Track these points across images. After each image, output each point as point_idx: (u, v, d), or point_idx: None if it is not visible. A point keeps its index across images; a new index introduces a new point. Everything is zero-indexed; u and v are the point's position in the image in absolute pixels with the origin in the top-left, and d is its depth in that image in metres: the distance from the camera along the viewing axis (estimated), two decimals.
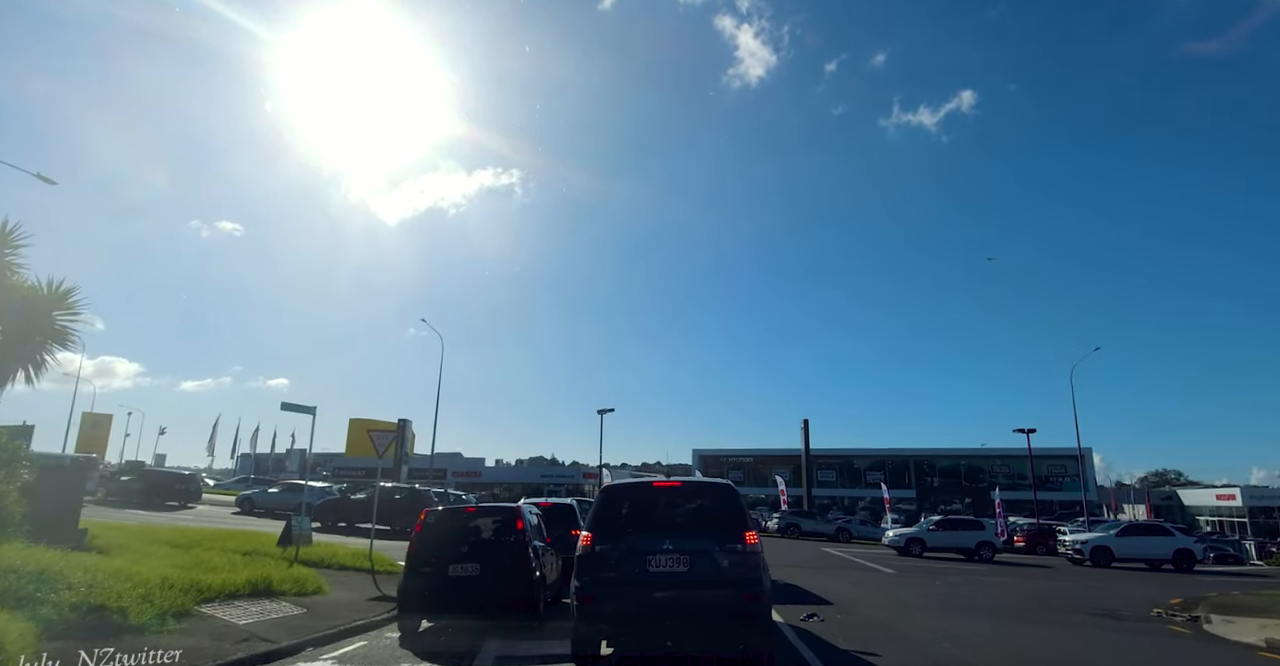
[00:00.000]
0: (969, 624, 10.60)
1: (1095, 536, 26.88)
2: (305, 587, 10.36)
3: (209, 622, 7.88)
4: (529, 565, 8.88)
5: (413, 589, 8.56)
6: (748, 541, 6.60)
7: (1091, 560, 25.47)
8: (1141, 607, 13.72)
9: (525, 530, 9.16)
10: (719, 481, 7.51)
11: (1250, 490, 59.50)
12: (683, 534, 6.73)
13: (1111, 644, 9.41)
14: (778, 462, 62.42)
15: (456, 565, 8.63)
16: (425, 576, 8.62)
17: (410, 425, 53.13)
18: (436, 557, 8.74)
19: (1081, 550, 26.06)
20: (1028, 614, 12.29)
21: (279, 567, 11.28)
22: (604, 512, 7.00)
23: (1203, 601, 14.26)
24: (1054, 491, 61.27)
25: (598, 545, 6.66)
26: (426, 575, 8.62)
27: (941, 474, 69.03)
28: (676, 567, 6.49)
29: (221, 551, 12.93)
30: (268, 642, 7.54)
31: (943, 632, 9.29)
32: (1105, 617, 12.12)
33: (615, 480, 10.60)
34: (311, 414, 16.81)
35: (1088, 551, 25.76)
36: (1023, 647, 8.66)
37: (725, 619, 6.38)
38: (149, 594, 7.73)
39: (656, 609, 6.37)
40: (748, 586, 6.40)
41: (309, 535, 16.13)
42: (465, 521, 9.37)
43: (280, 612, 8.92)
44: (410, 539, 9.07)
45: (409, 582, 8.66)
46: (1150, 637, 10.12)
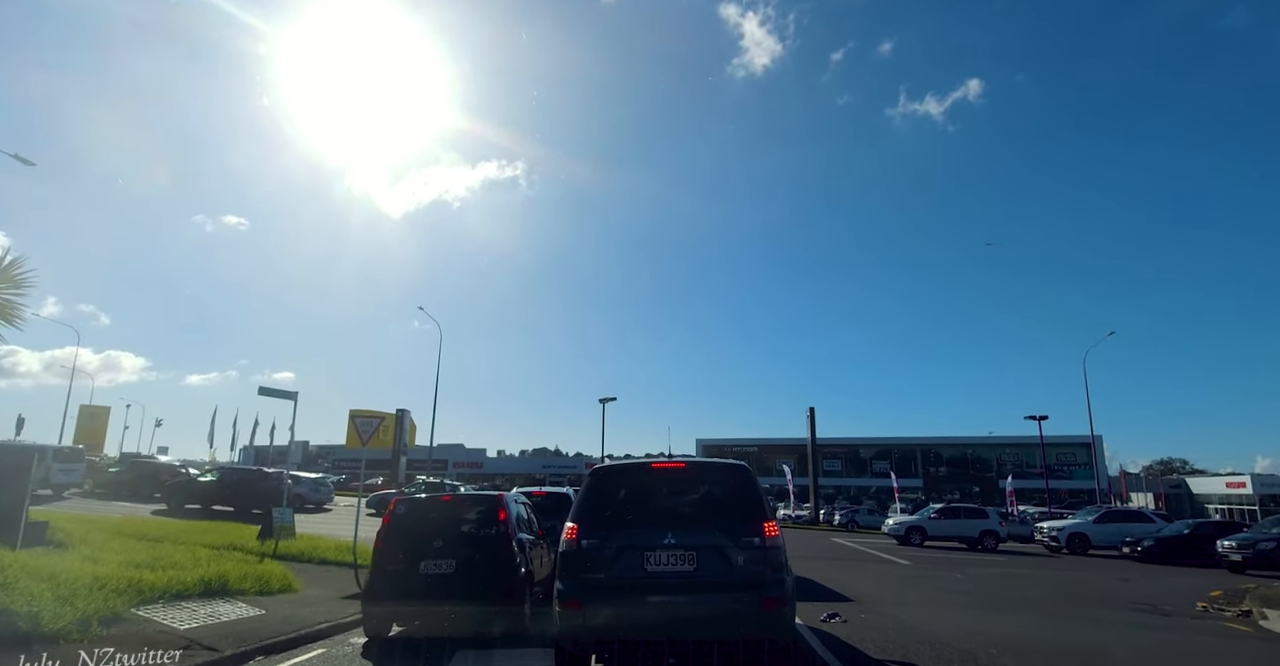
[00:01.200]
0: (1005, 622, 9.56)
1: (1072, 523, 26.27)
2: (269, 585, 9.37)
3: (143, 628, 6.86)
4: (512, 561, 7.76)
5: (379, 588, 7.46)
6: (767, 534, 5.45)
7: (1068, 547, 24.94)
8: (1181, 601, 12.69)
9: (508, 522, 8.01)
10: (731, 462, 6.25)
11: (1261, 478, 58.35)
12: (688, 525, 5.59)
13: (1173, 646, 8.36)
14: (783, 452, 61.51)
15: (429, 561, 7.51)
16: (392, 574, 7.51)
17: (409, 415, 52.17)
18: (406, 553, 7.62)
19: (1058, 537, 25.45)
20: (1064, 609, 11.23)
21: (244, 563, 10.29)
22: (592, 500, 5.85)
23: (1247, 594, 13.21)
24: (1064, 480, 60.33)
25: (584, 539, 5.50)
26: (394, 573, 7.51)
27: (948, 463, 68.15)
28: (680, 566, 5.36)
29: (191, 546, 12.00)
30: (210, 652, 6.52)
31: (981, 634, 8.25)
32: (1149, 613, 11.07)
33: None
34: (292, 400, 15.85)
35: (1064, 538, 25.18)
36: (1079, 655, 7.60)
37: (739, 632, 5.27)
38: (72, 595, 6.72)
39: (656, 618, 5.26)
40: (768, 589, 5.27)
41: (292, 528, 15.18)
42: (439, 512, 8.25)
43: (233, 615, 7.91)
44: (377, 531, 7.93)
45: (375, 581, 7.57)
46: (1211, 637, 9.06)
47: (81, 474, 26.98)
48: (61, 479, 25.19)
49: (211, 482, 23.34)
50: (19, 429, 45.43)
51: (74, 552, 9.61)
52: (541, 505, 11.93)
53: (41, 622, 6.05)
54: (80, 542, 10.57)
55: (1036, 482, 52.51)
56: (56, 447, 28.11)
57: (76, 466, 26.55)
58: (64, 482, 25.36)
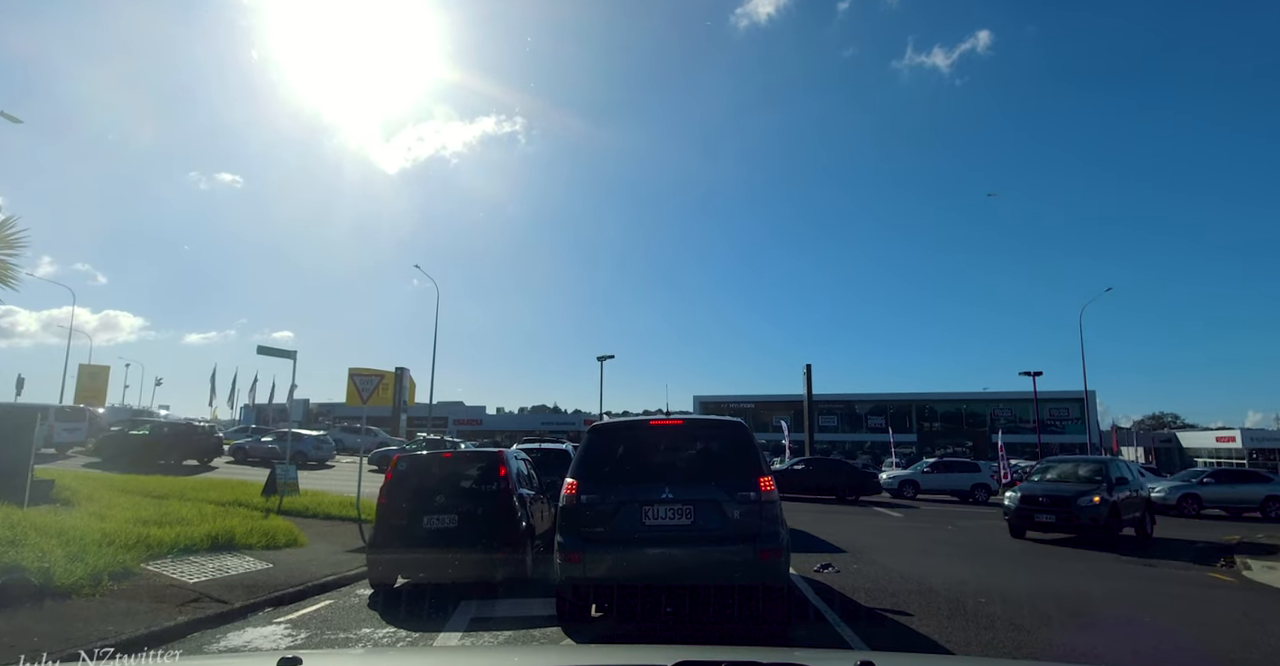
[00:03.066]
0: (993, 572, 9.85)
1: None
2: (276, 540, 9.55)
3: (153, 582, 7.03)
4: (514, 515, 7.99)
5: (383, 543, 7.72)
6: (763, 488, 5.59)
7: None
8: (1168, 551, 13.04)
9: (509, 477, 8.22)
10: (728, 419, 6.35)
11: (1250, 432, 59.29)
12: (685, 480, 5.72)
13: (1159, 595, 8.60)
14: (779, 408, 62.13)
15: (432, 516, 7.78)
16: (397, 529, 7.77)
17: (408, 373, 52.34)
18: (409, 508, 7.88)
19: None
20: (1052, 559, 11.56)
21: (250, 519, 10.48)
22: (592, 456, 5.97)
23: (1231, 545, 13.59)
24: (1056, 434, 61.13)
25: (584, 494, 5.65)
26: (398, 527, 7.78)
27: (943, 418, 68.91)
28: (678, 520, 5.51)
29: (197, 502, 12.19)
30: (220, 604, 6.70)
31: (970, 583, 8.49)
32: (1135, 564, 11.38)
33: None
34: (291, 358, 15.93)
35: None
36: (1065, 600, 7.84)
37: (736, 580, 5.45)
38: (82, 551, 6.85)
39: (654, 569, 5.43)
40: (763, 541, 5.43)
41: (295, 484, 15.43)
42: (442, 468, 8.49)
43: (241, 568, 8.09)
44: (380, 487, 8.17)
45: (379, 536, 7.83)
46: (1196, 587, 9.34)
47: (84, 433, 27.28)
48: (65, 438, 25.54)
49: (144, 436, 23.85)
50: (19, 389, 45.66)
51: (80, 510, 9.77)
52: (541, 460, 12.21)
53: (53, 578, 6.19)
54: (86, 500, 10.74)
55: (1029, 437, 53.22)
56: (59, 407, 28.36)
57: (79, 425, 26.88)
58: (67, 441, 25.68)
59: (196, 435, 25.35)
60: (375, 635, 5.97)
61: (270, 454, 27.83)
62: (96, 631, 5.38)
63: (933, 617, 6.53)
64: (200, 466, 24.18)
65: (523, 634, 5.87)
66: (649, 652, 1.88)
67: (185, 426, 27.27)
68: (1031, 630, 6.21)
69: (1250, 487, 23.18)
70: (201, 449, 24.81)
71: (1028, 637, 5.94)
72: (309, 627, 6.19)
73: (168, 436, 24.39)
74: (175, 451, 23.74)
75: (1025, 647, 5.64)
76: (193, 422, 31.30)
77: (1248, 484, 23.49)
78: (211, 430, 27.80)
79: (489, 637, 5.80)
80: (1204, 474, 24.98)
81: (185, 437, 24.81)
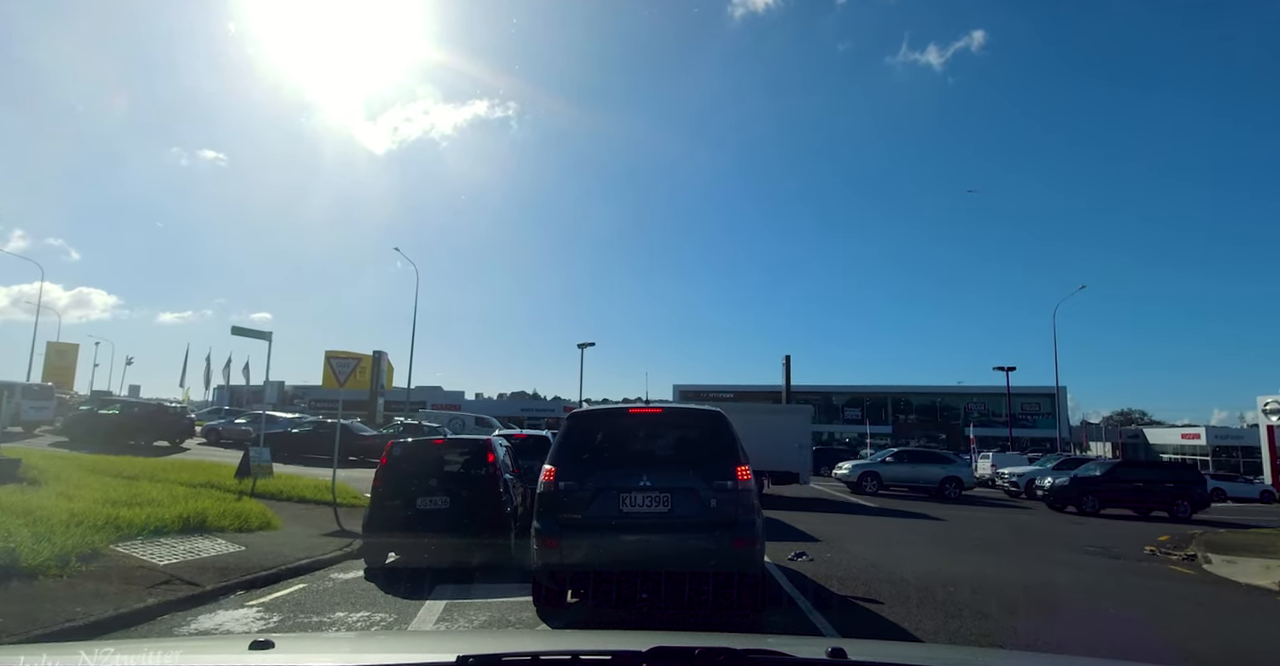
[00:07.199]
0: (963, 561, 10.04)
1: (1031, 470, 26.62)
2: (249, 523, 9.46)
3: (122, 563, 6.93)
4: (500, 498, 8.44)
5: (379, 523, 8.11)
6: (739, 477, 5.64)
7: (1026, 492, 24.89)
8: (1130, 545, 13.37)
9: (496, 463, 8.68)
10: (707, 408, 6.43)
11: (1214, 430, 60.89)
12: (663, 468, 5.75)
13: (1121, 587, 8.84)
14: (758, 398, 62.45)
15: (425, 498, 8.20)
16: (391, 509, 8.17)
17: (386, 357, 51.82)
18: (404, 491, 8.27)
19: (1017, 482, 25.83)
20: (1020, 551, 11.82)
21: (222, 501, 10.36)
22: (570, 443, 6.00)
23: (1192, 540, 13.96)
24: (1027, 428, 62.26)
25: (562, 481, 5.68)
26: (392, 508, 8.18)
27: (918, 411, 69.87)
28: (655, 507, 5.54)
29: (168, 484, 12.03)
30: (191, 586, 6.63)
31: (940, 573, 8.66)
32: (1100, 556, 11.67)
33: None
34: (267, 339, 15.68)
35: (1023, 484, 25.38)
36: (1030, 590, 8.03)
37: (712, 567, 5.52)
38: (49, 531, 6.73)
39: (630, 556, 5.48)
40: (739, 529, 5.49)
41: (269, 466, 15.24)
42: (433, 453, 8.92)
43: (213, 551, 8.01)
44: (375, 471, 8.58)
45: (374, 516, 8.20)
46: (1156, 580, 9.60)
47: (52, 411, 26.75)
48: (32, 416, 24.96)
49: (113, 416, 23.55)
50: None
51: (48, 489, 9.59)
52: (521, 446, 12.25)
53: (19, 558, 6.08)
54: (53, 480, 10.53)
55: (1000, 431, 54.19)
56: (25, 384, 27.70)
57: (47, 404, 26.33)
58: (34, 420, 25.14)
59: (168, 416, 25.03)
60: (349, 618, 5.95)
61: (244, 436, 27.51)
62: (64, 612, 5.31)
63: (902, 605, 6.66)
64: (171, 448, 23.83)
65: (499, 618, 5.89)
66: (624, 638, 1.90)
67: (156, 407, 26.81)
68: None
69: (930, 467, 24.11)
70: (173, 430, 24.42)
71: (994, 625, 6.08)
72: (282, 610, 6.15)
73: (138, 417, 23.99)
74: (146, 432, 23.38)
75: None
76: (164, 403, 30.84)
77: (928, 463, 24.45)
78: (184, 411, 27.39)
79: (464, 622, 5.82)
80: (888, 453, 25.95)
81: (156, 418, 24.46)
